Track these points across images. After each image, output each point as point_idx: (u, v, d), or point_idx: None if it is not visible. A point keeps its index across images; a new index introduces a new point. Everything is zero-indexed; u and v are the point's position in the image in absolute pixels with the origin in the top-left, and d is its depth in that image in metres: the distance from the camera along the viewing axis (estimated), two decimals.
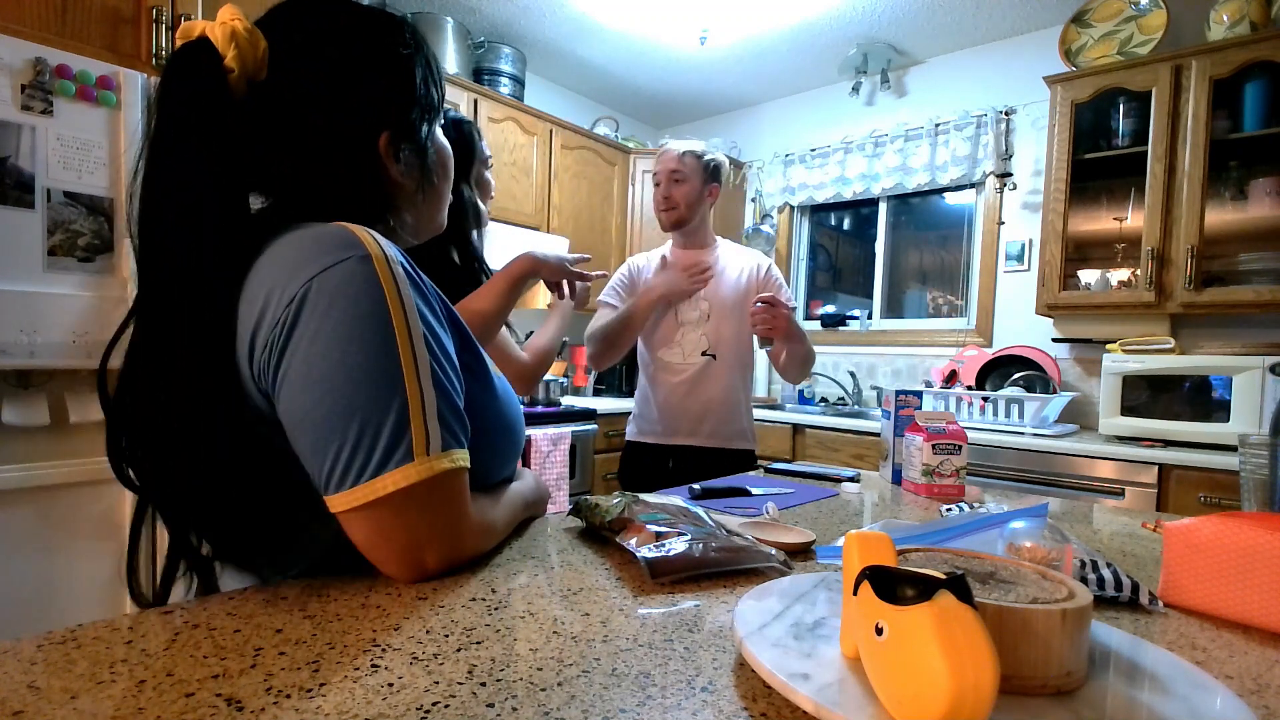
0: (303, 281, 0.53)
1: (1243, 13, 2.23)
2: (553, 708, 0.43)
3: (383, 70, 0.62)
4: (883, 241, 3.42)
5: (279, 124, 0.59)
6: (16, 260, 1.43)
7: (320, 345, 0.53)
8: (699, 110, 3.95)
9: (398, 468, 0.54)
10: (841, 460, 2.69)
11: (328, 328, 0.53)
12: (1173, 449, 2.07)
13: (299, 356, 0.53)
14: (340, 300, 0.53)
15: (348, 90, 0.60)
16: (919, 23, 2.89)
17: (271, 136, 0.60)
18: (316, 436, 0.54)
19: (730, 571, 0.70)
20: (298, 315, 0.53)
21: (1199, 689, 0.44)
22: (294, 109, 0.59)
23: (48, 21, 1.59)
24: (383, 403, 0.53)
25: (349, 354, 0.53)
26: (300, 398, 0.53)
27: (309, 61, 0.59)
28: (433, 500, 0.57)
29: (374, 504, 0.54)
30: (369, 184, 0.63)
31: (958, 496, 1.18)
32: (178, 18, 1.75)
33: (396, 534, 0.57)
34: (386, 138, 0.62)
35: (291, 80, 0.58)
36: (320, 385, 0.53)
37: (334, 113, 0.60)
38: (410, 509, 0.56)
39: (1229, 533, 0.63)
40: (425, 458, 0.55)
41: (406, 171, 0.65)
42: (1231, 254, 2.30)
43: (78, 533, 1.54)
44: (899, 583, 0.40)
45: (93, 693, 0.43)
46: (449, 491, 0.58)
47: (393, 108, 0.63)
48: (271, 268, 0.55)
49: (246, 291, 0.55)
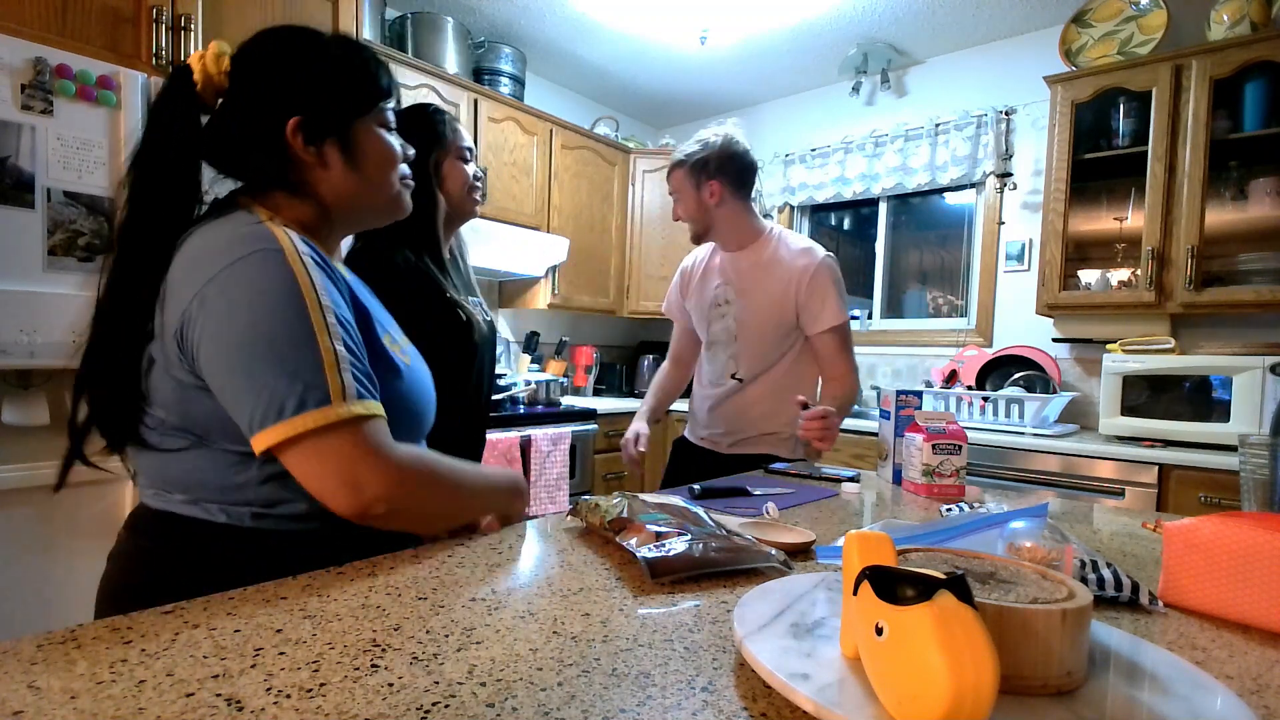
0: (220, 267, 0.66)
1: (1243, 13, 2.23)
2: (553, 708, 0.43)
3: (294, 69, 0.76)
4: (883, 241, 3.42)
5: (225, 116, 0.76)
6: (16, 260, 1.43)
7: (240, 318, 0.65)
8: (699, 110, 3.95)
9: (318, 408, 0.64)
10: (841, 460, 2.69)
11: (244, 303, 0.65)
12: (1173, 449, 2.07)
13: (219, 327, 0.65)
14: (256, 282, 0.66)
15: (262, 86, 0.75)
16: (919, 23, 2.89)
17: (222, 127, 0.76)
18: (242, 387, 0.65)
19: (730, 571, 0.70)
20: (216, 295, 0.65)
21: (1199, 689, 0.44)
22: (231, 102, 0.76)
23: (48, 21, 1.59)
24: (301, 359, 0.65)
25: (266, 322, 0.65)
26: (221, 361, 0.65)
27: (243, 69, 0.75)
28: (357, 440, 0.66)
29: (299, 441, 0.64)
30: (280, 163, 0.76)
31: (958, 496, 1.18)
32: (178, 18, 1.75)
33: (329, 469, 0.65)
34: (295, 123, 0.75)
35: (233, 84, 0.75)
36: (241, 350, 0.65)
37: (251, 100, 0.76)
38: (334, 448, 0.65)
39: (1229, 533, 0.63)
40: (342, 402, 0.66)
41: (318, 154, 0.77)
42: (1231, 254, 2.30)
43: (78, 533, 1.54)
44: (899, 583, 0.40)
45: (93, 693, 0.43)
46: (369, 434, 0.67)
47: (300, 98, 0.75)
48: (196, 258, 0.68)
49: (174, 283, 0.68)
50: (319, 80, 0.76)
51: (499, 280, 3.30)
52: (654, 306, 3.56)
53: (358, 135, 0.79)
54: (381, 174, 0.81)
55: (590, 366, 3.52)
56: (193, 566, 0.72)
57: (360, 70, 0.79)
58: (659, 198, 3.55)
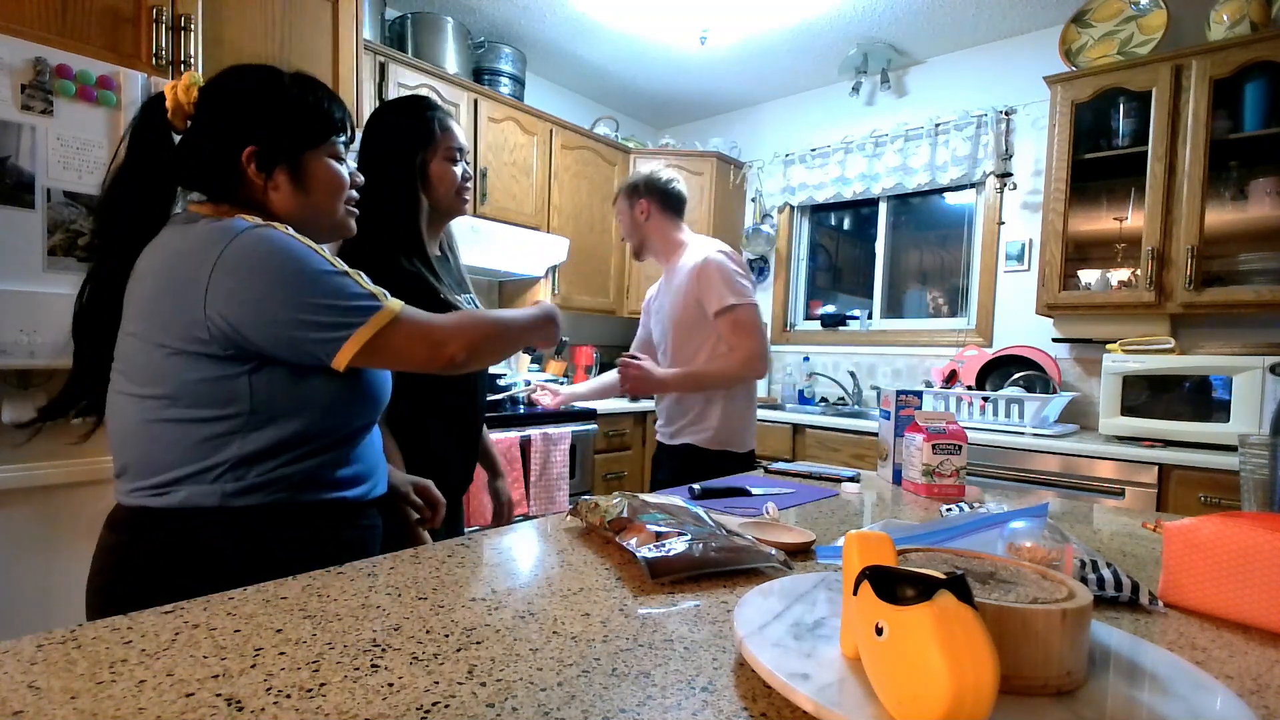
0: (221, 247, 0.76)
1: (1243, 13, 2.23)
2: (553, 708, 0.43)
3: (251, 105, 0.86)
4: (883, 241, 3.42)
5: (191, 140, 0.87)
6: (16, 260, 1.43)
7: (270, 274, 0.76)
8: (699, 110, 3.95)
9: (376, 312, 0.80)
10: (841, 460, 2.69)
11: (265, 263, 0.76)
12: (1173, 449, 2.07)
13: (252, 288, 0.76)
14: (265, 244, 0.77)
15: (222, 116, 0.86)
16: (919, 23, 2.89)
17: (188, 149, 0.87)
18: (303, 323, 0.77)
19: (730, 571, 0.70)
20: (233, 269, 0.75)
21: (1199, 689, 0.44)
22: (196, 130, 0.86)
23: (48, 21, 1.59)
24: (339, 284, 0.79)
25: (294, 266, 0.77)
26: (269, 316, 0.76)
27: (209, 103, 0.86)
28: (413, 321, 0.82)
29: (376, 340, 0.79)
30: (235, 183, 0.86)
31: (958, 496, 1.18)
32: (178, 18, 1.75)
33: (412, 346, 0.82)
34: (249, 152, 0.84)
35: (199, 112, 0.86)
36: (287, 296, 0.76)
37: (212, 131, 0.86)
38: (403, 334, 0.81)
39: (1229, 533, 0.63)
40: (386, 301, 0.82)
41: (269, 183, 0.86)
42: (1231, 254, 2.30)
43: (78, 533, 1.54)
44: (899, 583, 0.40)
45: (93, 693, 0.43)
46: (415, 315, 0.83)
47: (255, 131, 0.85)
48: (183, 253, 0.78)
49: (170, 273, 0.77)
50: (272, 116, 0.86)
51: (499, 280, 3.30)
52: None
53: (307, 164, 0.89)
54: (327, 200, 0.91)
55: (590, 366, 3.52)
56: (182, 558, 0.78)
57: (313, 108, 0.89)
58: None
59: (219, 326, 0.75)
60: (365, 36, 2.34)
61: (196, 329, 0.76)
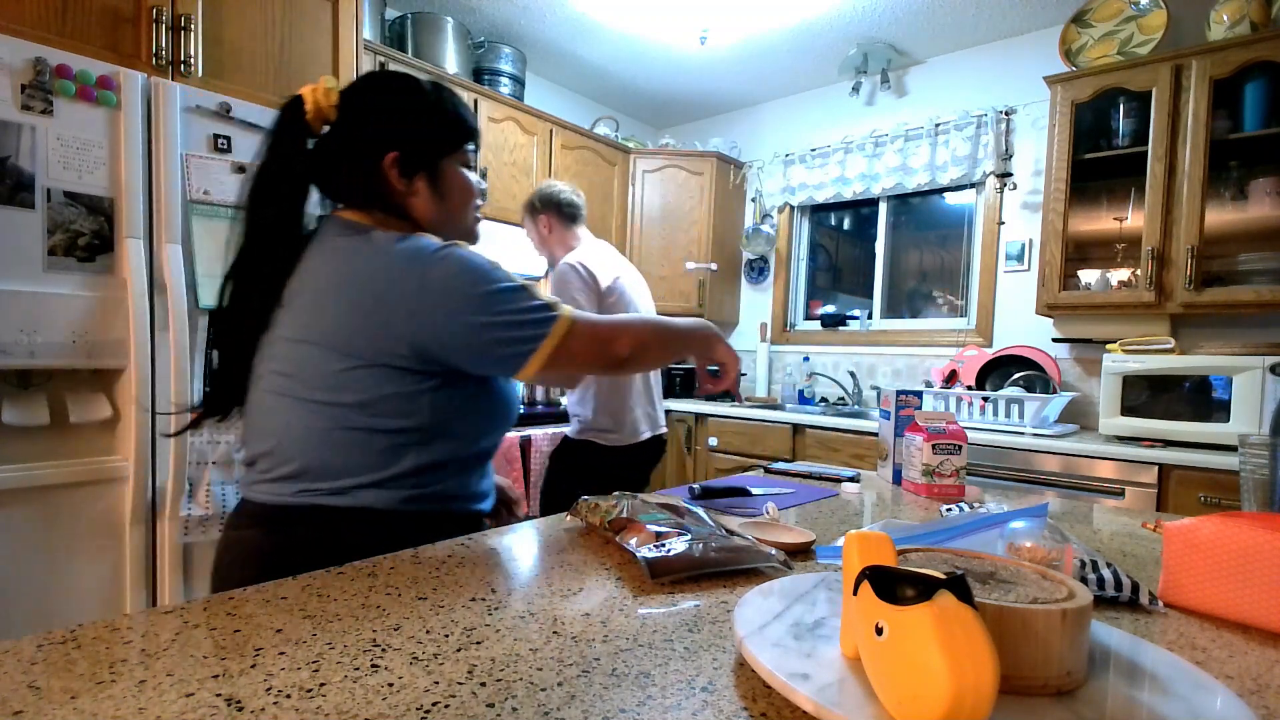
0: (420, 270, 0.79)
1: (1243, 13, 2.23)
2: (553, 708, 0.43)
3: (394, 111, 0.88)
4: (883, 241, 3.42)
5: (333, 146, 0.88)
6: (16, 260, 1.43)
7: (469, 297, 0.80)
8: (699, 110, 3.95)
9: (555, 323, 0.83)
10: (841, 460, 2.69)
11: (464, 286, 0.80)
12: (1173, 449, 2.07)
13: (449, 311, 0.79)
14: (460, 266, 0.81)
15: (365, 123, 0.87)
16: (919, 23, 2.89)
17: (330, 154, 0.89)
18: (495, 339, 0.81)
19: (730, 571, 0.70)
20: (438, 293, 0.79)
21: (1199, 689, 0.44)
22: (339, 135, 0.88)
23: (48, 21, 1.59)
24: (522, 300, 0.82)
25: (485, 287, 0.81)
26: (464, 333, 0.80)
27: (350, 108, 0.87)
28: (586, 326, 0.86)
29: (559, 348, 0.83)
30: (378, 189, 0.88)
31: (958, 496, 1.18)
32: (178, 18, 1.75)
33: (589, 350, 0.86)
34: (392, 158, 0.86)
35: (341, 119, 0.87)
36: (481, 315, 0.80)
37: (355, 136, 0.87)
38: (580, 338, 0.85)
39: (1229, 533, 0.63)
40: (560, 310, 0.85)
41: (410, 188, 0.89)
42: (1231, 254, 2.30)
43: (78, 533, 1.54)
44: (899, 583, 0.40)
45: (93, 693, 0.43)
46: (586, 319, 0.87)
47: (397, 137, 0.87)
48: (378, 274, 0.80)
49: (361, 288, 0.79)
50: (414, 122, 0.88)
51: None
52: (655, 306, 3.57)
53: (444, 171, 0.91)
54: (461, 206, 0.94)
55: None
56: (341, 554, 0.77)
57: (450, 115, 0.92)
58: (659, 198, 3.55)
59: (421, 343, 0.80)
60: (365, 36, 2.34)
61: (397, 345, 0.79)
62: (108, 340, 1.54)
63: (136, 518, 1.59)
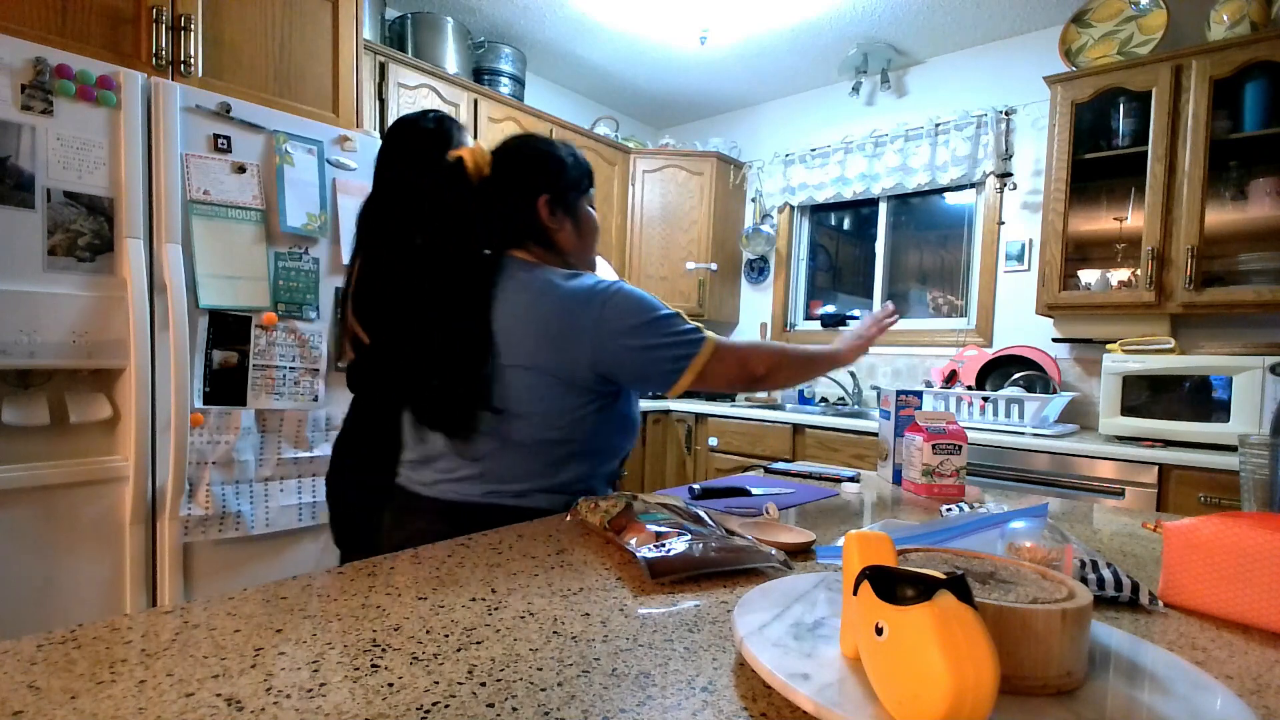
0: (598, 306, 0.95)
1: (1243, 13, 2.23)
2: (553, 708, 0.43)
3: (542, 162, 1.06)
4: (883, 241, 3.42)
5: (490, 195, 1.06)
6: (16, 260, 1.43)
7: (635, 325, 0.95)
8: (699, 110, 3.95)
9: (702, 345, 0.97)
10: (841, 460, 2.69)
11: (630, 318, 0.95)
12: (1173, 449, 2.07)
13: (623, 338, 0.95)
14: (628, 300, 0.96)
15: (520, 174, 1.06)
16: (919, 23, 2.89)
17: (488, 202, 1.06)
18: (654, 359, 0.96)
19: (730, 571, 0.70)
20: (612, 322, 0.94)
21: (1199, 689, 0.44)
22: (496, 185, 1.06)
23: (48, 21, 1.59)
24: (675, 325, 0.97)
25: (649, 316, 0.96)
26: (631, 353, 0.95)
27: (504, 163, 1.06)
28: (728, 348, 1.00)
29: (705, 367, 0.97)
30: (533, 227, 1.05)
31: (958, 496, 1.18)
32: (178, 18, 1.75)
33: (730, 370, 1.00)
34: (544, 200, 1.04)
35: (495, 173, 1.06)
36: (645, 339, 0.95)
37: (512, 184, 1.05)
38: (721, 358, 0.98)
39: (1229, 533, 0.63)
40: (705, 334, 0.99)
41: (558, 223, 1.06)
42: (1231, 254, 2.30)
43: (78, 533, 1.54)
44: (899, 583, 0.40)
45: (93, 693, 0.43)
46: (727, 343, 1.00)
47: (546, 185, 1.05)
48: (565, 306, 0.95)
49: (555, 320, 0.95)
50: (557, 170, 1.06)
51: None
52: None
53: (581, 209, 1.09)
54: (591, 239, 1.12)
55: None
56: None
57: (582, 164, 1.11)
58: (659, 198, 3.55)
59: (600, 365, 0.95)
60: (365, 36, 2.34)
61: (578, 368, 0.95)
62: (108, 340, 1.54)
63: (136, 518, 1.59)
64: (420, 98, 2.58)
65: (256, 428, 1.75)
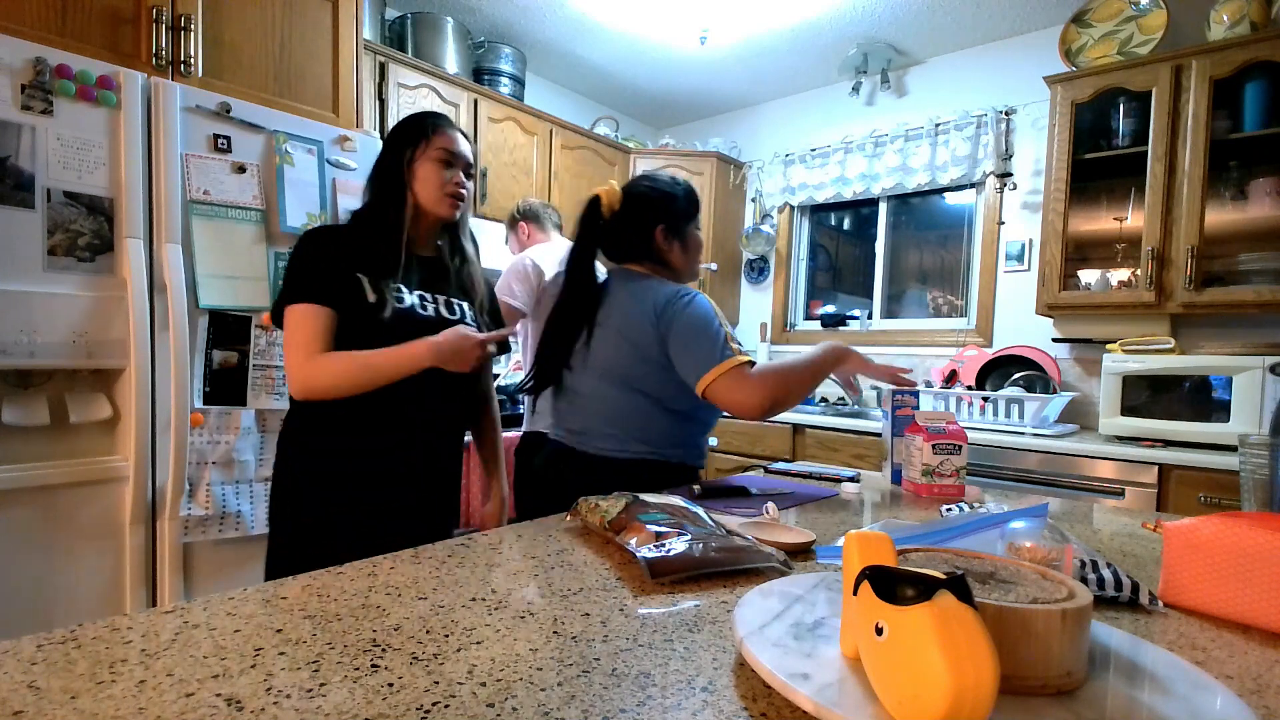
0: (683, 302, 1.23)
1: (1243, 13, 2.23)
2: (553, 708, 0.43)
3: (660, 200, 1.34)
4: (883, 241, 3.42)
5: (619, 225, 1.35)
6: (16, 260, 1.43)
7: (693, 323, 1.21)
8: (699, 110, 3.95)
9: (726, 359, 1.17)
10: (841, 460, 2.69)
11: (693, 316, 1.21)
12: (1173, 449, 2.07)
13: (682, 328, 1.21)
14: (696, 305, 1.23)
15: (644, 209, 1.33)
16: (919, 23, 2.89)
17: (618, 230, 1.35)
18: (692, 354, 1.19)
19: (730, 571, 0.70)
20: (680, 315, 1.21)
21: (1199, 689, 0.44)
22: (625, 217, 1.34)
23: (48, 21, 1.59)
24: (718, 336, 1.19)
25: (701, 322, 1.21)
26: (680, 343, 1.20)
27: (631, 201, 1.34)
28: (745, 372, 1.17)
29: (722, 376, 1.16)
30: (649, 249, 1.34)
31: (958, 496, 1.18)
32: (178, 18, 1.75)
33: (741, 389, 1.16)
34: (661, 229, 1.33)
35: (624, 208, 1.34)
36: (691, 337, 1.20)
37: (637, 216, 1.34)
38: (735, 377, 1.16)
39: (1229, 533, 0.63)
40: (735, 355, 1.18)
41: (669, 246, 1.34)
42: (1231, 254, 2.30)
43: (78, 533, 1.54)
44: (899, 583, 0.40)
45: (93, 693, 0.43)
46: (748, 369, 1.17)
47: (663, 215, 1.33)
48: (656, 301, 1.24)
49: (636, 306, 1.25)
50: (672, 205, 1.34)
51: None
52: None
53: (688, 235, 1.37)
54: (696, 256, 1.40)
55: None
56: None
57: (691, 197, 1.38)
58: None
59: (666, 348, 1.21)
60: (365, 37, 2.34)
61: (663, 354, 1.22)
62: (108, 340, 1.54)
63: (136, 518, 1.59)
64: (420, 98, 2.58)
65: (256, 428, 1.75)
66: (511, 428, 2.48)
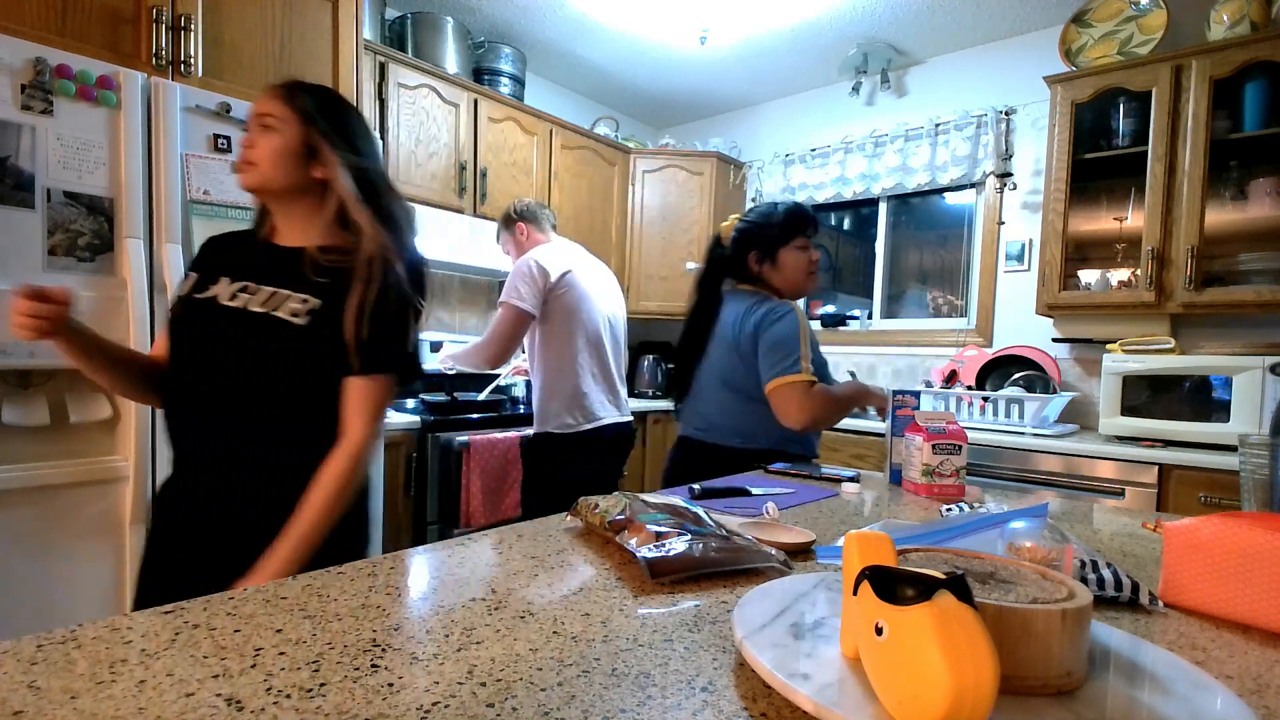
0: (777, 315, 1.50)
1: (1243, 13, 2.23)
2: (553, 708, 0.43)
3: (752, 231, 1.63)
4: (883, 241, 3.42)
5: (731, 251, 1.66)
6: (16, 260, 1.43)
7: (779, 334, 1.48)
8: (699, 110, 3.95)
9: (790, 373, 1.43)
10: (841, 460, 2.69)
11: (780, 329, 1.49)
12: (1173, 449, 2.07)
13: (767, 339, 1.49)
14: (787, 319, 1.50)
15: (743, 241, 1.64)
16: (919, 23, 2.89)
17: (730, 259, 1.66)
18: (767, 362, 1.47)
19: (730, 571, 0.70)
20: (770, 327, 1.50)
21: (1199, 689, 0.44)
22: (735, 246, 1.65)
23: (48, 21, 1.59)
24: (795, 351, 1.45)
25: (786, 335, 1.47)
26: (764, 350, 1.49)
27: (739, 233, 1.65)
28: (801, 389, 1.43)
29: (781, 386, 1.44)
30: (749, 271, 1.63)
31: (958, 496, 1.18)
32: (178, 18, 1.75)
33: (791, 402, 1.43)
34: (753, 255, 1.62)
35: (734, 239, 1.65)
36: (772, 346, 1.48)
37: (740, 246, 1.64)
38: (791, 391, 1.43)
39: (1229, 533, 0.63)
40: (802, 371, 1.43)
41: (760, 268, 1.62)
42: (1231, 254, 2.30)
43: (78, 533, 1.54)
44: (899, 583, 0.40)
45: (93, 693, 0.43)
46: (806, 387, 1.43)
47: (754, 243, 1.62)
48: (756, 313, 1.53)
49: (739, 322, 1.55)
50: (761, 235, 1.62)
51: (499, 280, 3.29)
52: (654, 306, 3.56)
53: (781, 256, 1.61)
54: (795, 275, 1.62)
55: None
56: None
57: (783, 222, 1.61)
58: (659, 198, 3.55)
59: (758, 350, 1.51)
60: (365, 36, 2.34)
61: (756, 358, 1.50)
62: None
63: (136, 518, 1.59)
64: (420, 98, 2.58)
65: None
66: (512, 428, 2.48)
